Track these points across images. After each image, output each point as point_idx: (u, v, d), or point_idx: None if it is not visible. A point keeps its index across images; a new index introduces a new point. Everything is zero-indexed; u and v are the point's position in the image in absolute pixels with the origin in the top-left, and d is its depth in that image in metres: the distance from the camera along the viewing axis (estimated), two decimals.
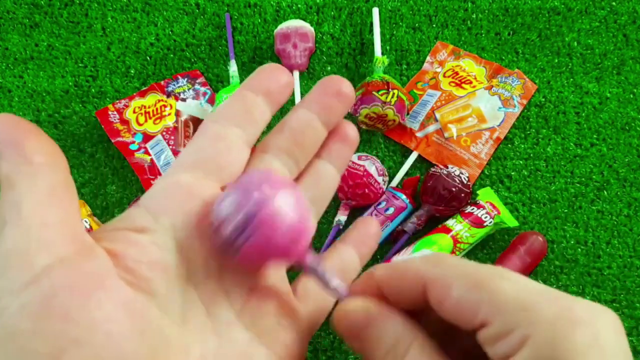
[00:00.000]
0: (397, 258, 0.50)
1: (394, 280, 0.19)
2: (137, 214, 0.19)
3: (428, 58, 0.61)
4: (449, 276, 0.17)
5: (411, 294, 0.18)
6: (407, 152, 0.57)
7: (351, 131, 0.24)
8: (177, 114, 0.57)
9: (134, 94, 0.58)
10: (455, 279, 0.17)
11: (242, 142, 0.21)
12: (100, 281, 0.16)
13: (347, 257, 0.24)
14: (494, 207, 0.51)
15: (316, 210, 0.23)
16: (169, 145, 0.56)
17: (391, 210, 0.52)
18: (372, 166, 0.52)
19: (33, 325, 0.14)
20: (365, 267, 0.22)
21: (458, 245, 0.49)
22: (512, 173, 0.56)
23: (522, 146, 0.57)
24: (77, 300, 0.15)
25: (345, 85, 0.22)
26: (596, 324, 0.15)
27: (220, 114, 0.21)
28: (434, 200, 0.51)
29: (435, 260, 0.18)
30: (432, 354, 0.17)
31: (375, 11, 0.60)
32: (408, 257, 0.19)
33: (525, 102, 0.57)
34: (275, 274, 0.21)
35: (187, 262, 0.18)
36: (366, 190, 0.51)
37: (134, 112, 0.57)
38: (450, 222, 0.51)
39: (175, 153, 0.55)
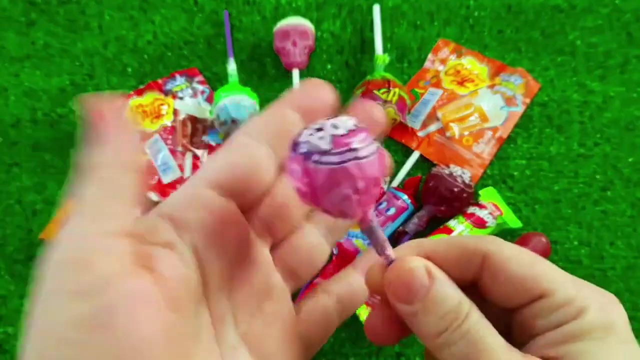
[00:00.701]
0: None
1: (451, 252, 0.19)
2: (161, 227, 0.18)
3: (430, 56, 0.60)
4: (508, 251, 0.18)
5: (466, 266, 0.19)
6: (408, 152, 0.56)
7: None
8: (175, 113, 0.56)
9: (131, 92, 0.57)
10: (514, 254, 0.18)
11: (272, 163, 0.20)
12: (146, 301, 0.16)
13: (355, 282, 0.24)
14: (496, 207, 0.51)
15: (331, 240, 0.23)
16: (166, 144, 0.55)
17: (392, 211, 0.51)
18: None
19: (80, 337, 0.14)
20: None
21: None
22: (515, 173, 0.55)
23: (525, 146, 0.56)
24: (126, 319, 0.15)
25: (326, 91, 0.21)
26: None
27: (255, 129, 0.20)
28: (436, 201, 0.50)
29: (491, 238, 0.19)
30: (487, 320, 0.18)
31: (376, 8, 0.59)
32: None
33: (528, 101, 0.57)
34: (281, 295, 0.21)
35: (204, 281, 0.19)
36: None
37: (131, 111, 0.56)
38: (452, 223, 0.50)
39: (173, 153, 0.54)
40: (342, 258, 0.49)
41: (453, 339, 0.17)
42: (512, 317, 0.19)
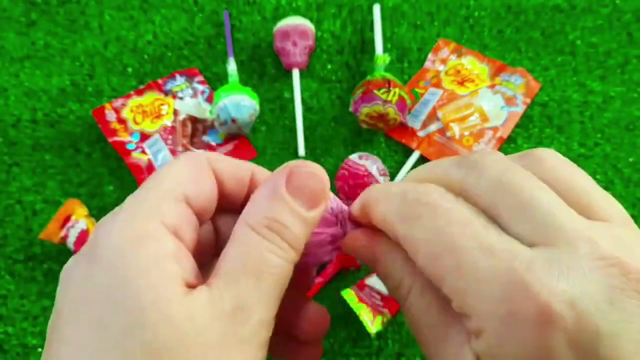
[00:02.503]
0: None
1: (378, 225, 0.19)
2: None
3: (430, 56, 0.60)
4: (417, 240, 0.17)
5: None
6: (408, 152, 0.56)
7: None
8: (175, 112, 0.56)
9: (131, 92, 0.57)
10: (421, 244, 0.17)
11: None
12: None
13: None
14: None
15: None
16: (166, 144, 0.55)
17: None
18: (373, 166, 0.51)
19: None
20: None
21: None
22: None
23: (525, 145, 0.56)
24: None
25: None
26: None
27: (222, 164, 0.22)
28: None
29: (411, 216, 0.17)
30: (431, 295, 0.18)
31: (377, 8, 0.59)
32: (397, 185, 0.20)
33: (528, 100, 0.57)
34: None
35: None
36: None
37: (132, 111, 0.56)
38: None
39: (174, 153, 0.54)
40: (339, 257, 0.49)
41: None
42: None
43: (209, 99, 0.58)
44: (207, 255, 0.22)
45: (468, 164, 0.18)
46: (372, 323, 0.45)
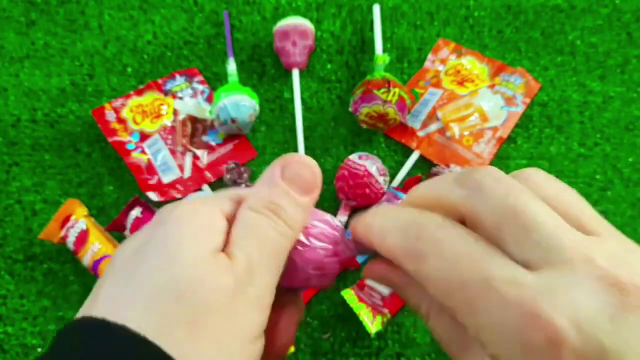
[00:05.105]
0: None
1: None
2: None
3: (429, 56, 0.60)
4: (426, 276, 0.18)
5: None
6: (408, 152, 0.56)
7: None
8: (175, 112, 0.56)
9: (131, 92, 0.57)
10: (431, 281, 0.18)
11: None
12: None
13: None
14: None
15: None
16: (166, 144, 0.55)
17: None
18: (372, 166, 0.51)
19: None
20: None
21: None
22: None
23: (525, 145, 0.56)
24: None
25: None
26: None
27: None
28: None
29: (417, 254, 0.18)
30: (449, 316, 0.19)
31: (376, 8, 0.59)
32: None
33: (528, 100, 0.57)
34: None
35: None
36: (367, 191, 0.50)
37: (131, 111, 0.56)
38: None
39: (173, 152, 0.54)
40: None
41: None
42: None
43: (209, 99, 0.58)
44: None
45: (469, 184, 0.18)
46: (372, 323, 0.45)
